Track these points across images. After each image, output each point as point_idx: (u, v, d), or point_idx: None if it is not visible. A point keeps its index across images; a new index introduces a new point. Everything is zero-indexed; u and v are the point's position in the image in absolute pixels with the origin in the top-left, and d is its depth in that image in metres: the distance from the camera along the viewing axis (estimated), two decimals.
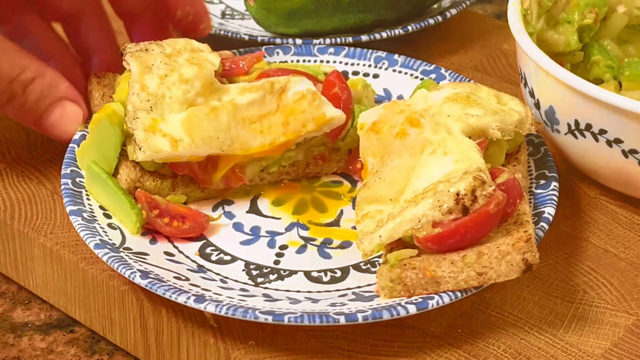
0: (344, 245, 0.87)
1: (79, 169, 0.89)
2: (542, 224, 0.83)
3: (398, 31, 1.09)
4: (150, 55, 0.89)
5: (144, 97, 0.87)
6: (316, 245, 0.87)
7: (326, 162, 0.93)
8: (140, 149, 0.85)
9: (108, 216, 0.86)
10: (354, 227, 0.85)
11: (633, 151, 0.86)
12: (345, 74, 1.01)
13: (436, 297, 0.78)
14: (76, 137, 0.91)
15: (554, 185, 0.87)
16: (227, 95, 0.89)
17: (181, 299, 0.77)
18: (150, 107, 0.87)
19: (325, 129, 0.90)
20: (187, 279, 0.81)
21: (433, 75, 1.00)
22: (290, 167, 0.92)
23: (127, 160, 0.88)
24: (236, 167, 0.89)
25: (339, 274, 0.84)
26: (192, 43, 0.92)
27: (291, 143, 0.89)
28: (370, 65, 1.02)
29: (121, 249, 0.82)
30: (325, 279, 0.84)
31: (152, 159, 0.86)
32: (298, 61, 1.02)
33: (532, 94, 0.92)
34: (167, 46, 0.91)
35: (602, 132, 0.87)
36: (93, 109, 0.93)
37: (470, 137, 0.83)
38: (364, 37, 1.08)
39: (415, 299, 0.78)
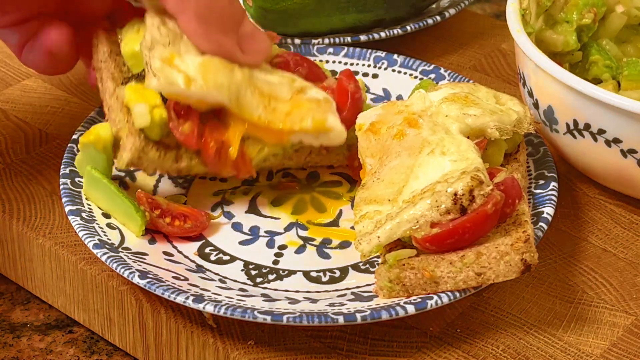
0: (343, 245, 0.87)
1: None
2: (541, 224, 0.83)
3: (397, 31, 1.09)
4: None
5: (163, 32, 0.85)
6: (315, 245, 0.87)
7: (327, 154, 0.92)
8: (154, 76, 0.83)
9: (107, 216, 0.86)
10: (353, 227, 0.85)
11: (632, 151, 0.86)
12: (351, 71, 1.00)
13: (435, 297, 0.78)
14: (75, 136, 0.91)
15: (553, 185, 0.87)
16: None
17: (180, 299, 0.77)
18: (169, 41, 0.85)
19: (321, 137, 0.89)
20: (186, 279, 0.81)
21: (432, 75, 1.00)
22: (294, 152, 0.90)
23: (132, 128, 0.85)
24: (244, 153, 0.88)
25: (338, 274, 0.84)
26: None
27: (285, 135, 0.88)
28: (369, 65, 1.02)
29: (120, 249, 0.82)
30: (324, 279, 0.84)
31: (163, 91, 0.84)
32: None
33: (530, 94, 0.92)
34: None
35: (601, 131, 0.87)
36: (96, 64, 0.90)
37: (468, 137, 0.83)
38: (363, 37, 1.08)
39: (414, 299, 0.78)
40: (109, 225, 0.85)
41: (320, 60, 1.02)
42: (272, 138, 0.88)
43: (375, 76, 1.01)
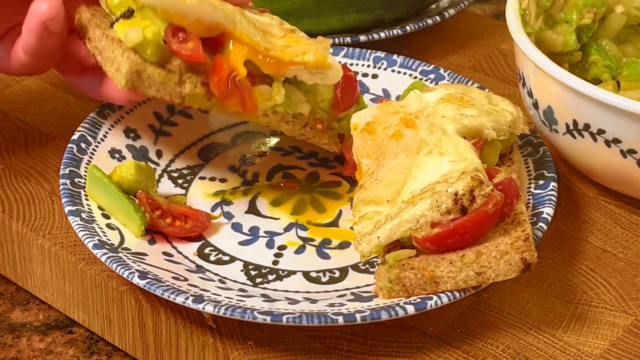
0: (343, 245, 0.87)
1: (78, 169, 0.89)
2: (540, 224, 0.83)
3: (396, 31, 1.09)
4: None
5: None
6: (315, 246, 0.87)
7: (321, 131, 0.92)
8: None
9: (106, 216, 0.86)
10: (353, 228, 0.85)
11: (631, 151, 0.86)
12: (346, 64, 1.01)
13: (435, 297, 0.78)
14: (75, 137, 0.91)
15: (553, 186, 0.87)
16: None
17: (179, 300, 0.77)
18: None
19: (317, 75, 0.88)
20: (186, 280, 0.81)
21: (432, 76, 1.00)
22: (292, 118, 0.90)
23: (126, 48, 0.83)
24: (252, 92, 0.86)
25: (337, 274, 0.84)
26: None
27: (284, 66, 0.87)
28: (369, 66, 1.02)
29: (120, 250, 0.82)
30: (324, 280, 0.84)
31: (158, 3, 0.83)
32: None
33: (530, 94, 0.92)
34: None
35: (601, 132, 0.87)
36: (80, 33, 0.89)
37: (465, 138, 0.83)
38: (363, 37, 1.08)
39: (414, 300, 0.78)
40: (108, 225, 0.85)
41: None
42: (270, 67, 0.87)
43: (374, 76, 1.01)
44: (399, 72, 1.01)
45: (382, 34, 1.09)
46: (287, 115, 0.89)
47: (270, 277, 0.84)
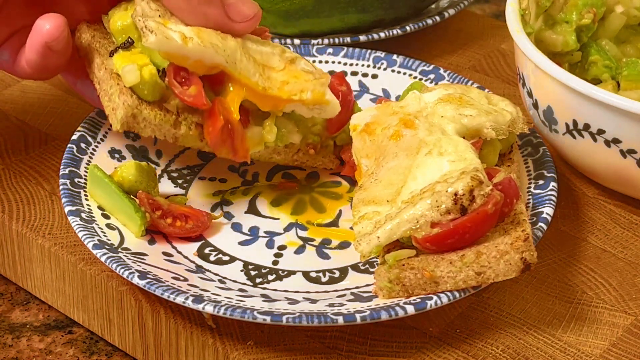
0: (343, 245, 0.87)
1: (78, 169, 0.89)
2: (540, 224, 0.83)
3: (396, 31, 1.09)
4: None
5: (153, 7, 0.85)
6: (315, 246, 0.87)
7: (314, 155, 0.92)
8: (151, 32, 0.83)
9: (106, 216, 0.86)
10: (352, 228, 0.85)
11: (631, 151, 0.86)
12: (343, 74, 1.01)
13: (435, 297, 0.78)
14: (75, 137, 0.91)
15: (553, 186, 0.87)
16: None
17: (179, 300, 0.77)
18: (159, 15, 0.85)
19: (315, 110, 0.89)
20: (186, 280, 0.81)
21: (432, 76, 1.00)
22: (283, 148, 0.91)
23: (123, 89, 0.84)
24: (245, 139, 0.87)
25: (337, 274, 0.84)
26: None
27: (282, 103, 0.88)
28: (369, 66, 1.02)
29: (119, 250, 0.82)
30: (324, 280, 0.84)
31: (160, 48, 0.83)
32: None
33: (530, 94, 0.92)
34: None
35: (600, 132, 0.87)
36: (82, 52, 0.89)
37: (464, 138, 0.83)
38: (362, 38, 1.08)
39: (414, 300, 0.78)
40: (108, 225, 0.85)
41: (320, 61, 1.02)
42: (268, 105, 0.88)
43: (374, 76, 1.01)
44: (398, 72, 1.01)
45: (382, 34, 1.09)
46: (278, 147, 0.90)
47: (270, 277, 0.84)
